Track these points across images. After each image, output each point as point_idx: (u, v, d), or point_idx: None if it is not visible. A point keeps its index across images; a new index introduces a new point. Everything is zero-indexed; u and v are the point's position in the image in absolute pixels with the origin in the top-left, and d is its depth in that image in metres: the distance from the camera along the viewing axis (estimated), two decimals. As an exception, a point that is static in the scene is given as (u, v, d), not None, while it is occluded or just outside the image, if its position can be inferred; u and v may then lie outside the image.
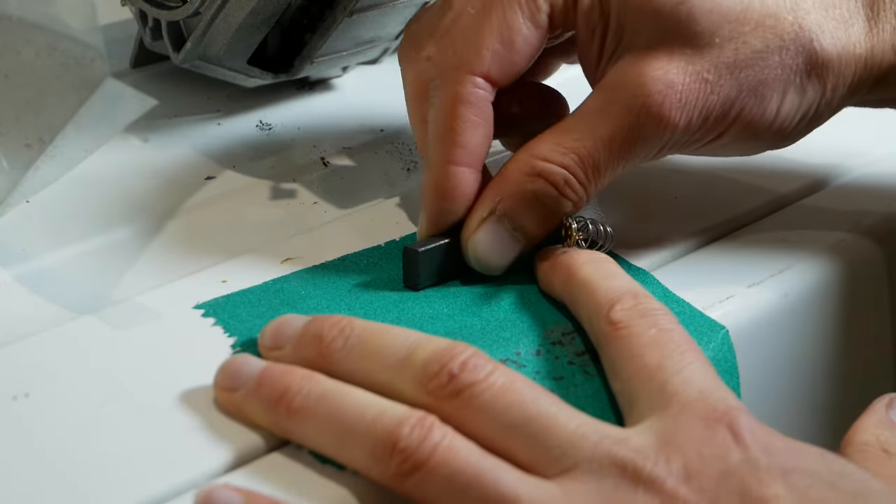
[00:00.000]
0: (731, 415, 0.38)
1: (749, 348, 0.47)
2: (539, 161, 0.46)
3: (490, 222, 0.46)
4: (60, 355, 0.44)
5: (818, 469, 0.37)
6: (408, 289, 0.47)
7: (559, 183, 0.46)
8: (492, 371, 0.39)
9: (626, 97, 0.45)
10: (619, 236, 0.51)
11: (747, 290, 0.48)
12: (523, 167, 0.46)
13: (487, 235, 0.46)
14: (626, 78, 0.45)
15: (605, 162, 0.46)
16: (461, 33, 0.46)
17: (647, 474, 0.37)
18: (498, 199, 0.46)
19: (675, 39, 0.45)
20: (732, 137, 0.46)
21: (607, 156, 0.45)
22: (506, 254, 0.47)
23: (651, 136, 0.45)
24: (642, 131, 0.45)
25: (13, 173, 0.54)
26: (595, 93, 0.46)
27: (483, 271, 0.47)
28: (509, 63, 0.46)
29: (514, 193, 0.46)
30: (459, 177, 0.46)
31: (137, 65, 0.63)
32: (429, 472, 0.37)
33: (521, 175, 0.46)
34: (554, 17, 0.46)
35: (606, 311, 0.42)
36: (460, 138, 0.46)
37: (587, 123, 0.46)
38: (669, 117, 0.45)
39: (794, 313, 0.49)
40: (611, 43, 0.46)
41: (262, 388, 0.40)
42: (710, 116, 0.45)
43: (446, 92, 0.46)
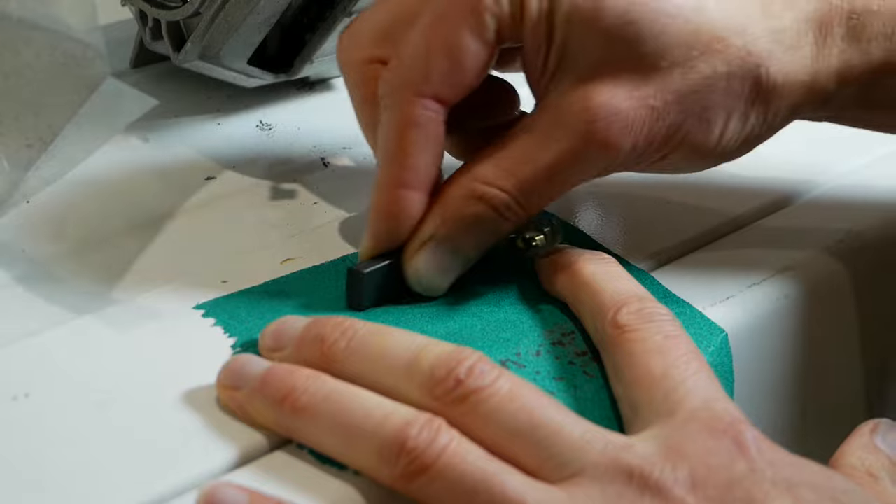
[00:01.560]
0: (737, 427, 0.38)
1: (748, 349, 0.47)
2: (480, 184, 0.45)
3: (430, 246, 0.45)
4: (60, 355, 0.44)
5: (823, 484, 0.37)
6: (351, 310, 0.46)
7: (500, 207, 0.45)
8: (498, 377, 0.39)
9: (569, 122, 0.44)
10: (618, 237, 0.51)
11: (747, 291, 0.48)
12: (464, 191, 0.45)
13: (428, 258, 0.46)
14: (571, 100, 0.44)
15: (546, 187, 0.45)
16: (409, 53, 0.45)
17: (654, 481, 0.37)
18: (438, 222, 0.45)
19: (621, 62, 0.44)
20: (675, 159, 0.46)
21: (548, 181, 0.45)
22: (446, 275, 0.46)
23: (594, 160, 0.44)
24: (586, 156, 0.44)
25: (13, 173, 0.54)
26: (539, 112, 0.45)
27: (424, 293, 0.46)
28: (459, 82, 0.44)
29: (454, 218, 0.45)
30: (407, 200, 0.45)
31: (137, 65, 0.63)
32: (436, 474, 0.37)
33: (462, 199, 0.45)
34: (501, 32, 0.44)
35: (612, 314, 0.42)
36: (409, 160, 0.45)
37: (529, 146, 0.45)
38: (614, 143, 0.44)
39: (793, 314, 0.49)
40: (554, 60, 0.44)
41: (267, 386, 0.40)
42: (655, 142, 0.45)
43: (395, 113, 0.45)
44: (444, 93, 0.44)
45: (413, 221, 0.46)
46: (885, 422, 0.43)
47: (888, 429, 0.43)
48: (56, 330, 0.45)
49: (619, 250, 0.49)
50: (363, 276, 0.46)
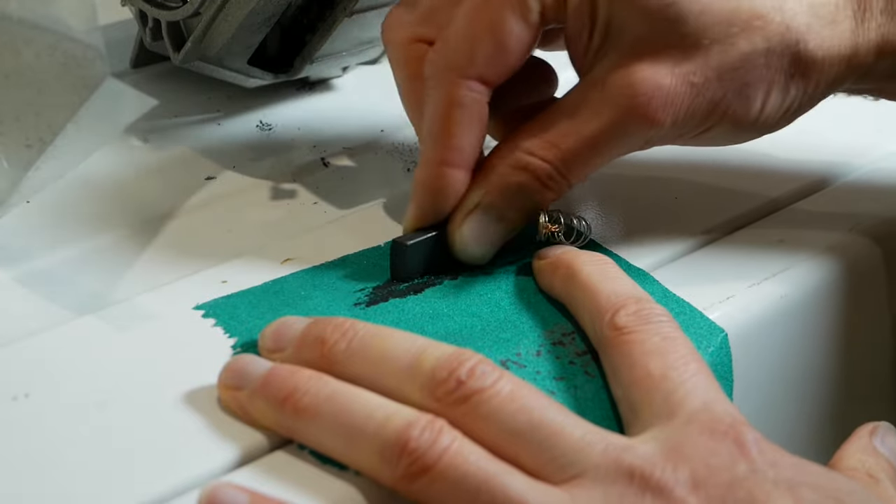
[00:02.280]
0: (737, 428, 0.38)
1: (748, 348, 0.47)
2: (524, 155, 0.46)
3: (476, 214, 0.47)
4: (60, 355, 0.44)
5: (824, 485, 0.37)
6: (395, 280, 0.47)
7: (543, 177, 0.46)
8: (499, 378, 0.39)
9: (612, 96, 0.45)
10: (619, 237, 0.51)
11: (747, 290, 0.48)
12: (509, 160, 0.47)
13: (474, 226, 0.47)
14: (614, 76, 0.45)
15: (588, 157, 0.46)
16: (454, 35, 0.46)
17: (656, 482, 0.37)
18: (483, 191, 0.47)
19: (662, 40, 0.45)
20: (717, 132, 0.47)
21: (590, 152, 0.46)
22: (491, 243, 0.48)
23: (636, 134, 0.46)
24: (627, 130, 0.45)
25: (13, 173, 0.54)
26: (582, 86, 0.47)
27: (468, 261, 0.48)
28: (503, 64, 0.46)
29: (499, 186, 0.47)
30: (451, 177, 0.47)
31: (137, 65, 0.63)
32: (437, 475, 0.37)
33: (507, 168, 0.47)
34: (545, 13, 0.46)
35: (610, 315, 0.42)
36: (454, 140, 0.46)
37: (572, 119, 0.46)
38: (656, 118, 0.45)
39: (793, 314, 0.49)
40: (598, 39, 0.46)
41: (269, 386, 0.40)
42: (696, 116, 0.46)
43: (441, 94, 0.46)
44: (488, 74, 0.46)
45: (456, 197, 0.47)
46: (884, 425, 0.43)
47: (887, 432, 0.43)
48: (56, 330, 0.45)
49: (619, 250, 0.49)
50: (407, 248, 0.47)
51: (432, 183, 0.47)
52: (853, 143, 0.58)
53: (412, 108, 0.49)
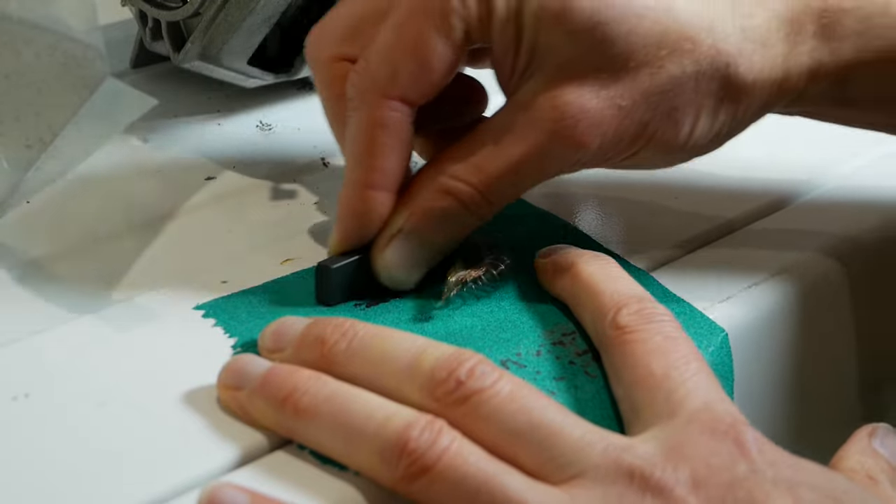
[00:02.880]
0: (738, 428, 0.38)
1: (748, 348, 0.47)
2: (448, 179, 0.45)
3: (399, 239, 0.46)
4: (60, 355, 0.44)
5: (823, 485, 0.37)
6: (320, 305, 0.46)
7: (467, 201, 0.45)
8: (498, 378, 0.39)
9: (538, 119, 0.44)
10: (619, 237, 0.51)
11: (747, 291, 0.48)
12: (432, 185, 0.46)
13: (397, 251, 0.46)
14: (540, 99, 0.44)
15: (514, 181, 0.45)
16: (376, 54, 0.45)
17: (656, 481, 0.37)
18: (406, 215, 0.46)
19: (589, 62, 0.44)
20: (646, 155, 0.46)
21: (516, 176, 0.45)
22: (415, 268, 0.47)
23: (562, 157, 0.45)
24: (553, 153, 0.44)
25: (13, 173, 0.54)
26: (508, 108, 0.45)
27: (393, 287, 0.47)
28: (426, 83, 0.45)
29: (423, 211, 0.46)
30: (374, 200, 0.46)
31: (137, 65, 0.63)
32: (437, 475, 0.37)
33: (430, 193, 0.46)
34: (470, 33, 0.44)
35: (612, 315, 0.42)
36: (377, 162, 0.45)
37: (497, 143, 0.45)
38: (582, 141, 0.44)
39: (792, 314, 0.49)
40: (523, 60, 0.45)
41: (268, 386, 0.40)
42: (624, 140, 0.45)
43: (363, 115, 0.45)
44: (411, 94, 0.45)
45: (380, 220, 0.46)
46: (883, 426, 0.43)
47: (886, 433, 0.43)
48: (56, 330, 0.45)
49: (619, 250, 0.49)
50: (331, 271, 0.46)
51: (355, 206, 0.46)
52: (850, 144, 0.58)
53: (337, 129, 0.48)
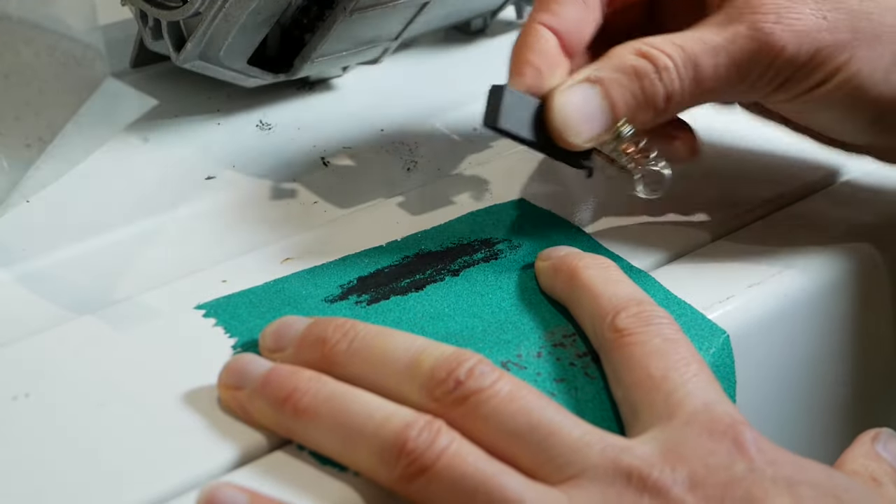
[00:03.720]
0: (736, 428, 0.38)
1: (749, 348, 0.47)
2: (646, 45, 0.46)
3: (583, 84, 0.46)
4: (60, 355, 0.44)
5: (824, 483, 0.37)
6: (486, 128, 0.46)
7: (659, 66, 0.46)
8: (497, 379, 0.39)
9: (742, 15, 0.45)
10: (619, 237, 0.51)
11: (747, 290, 0.48)
12: (630, 47, 0.47)
13: (577, 95, 0.46)
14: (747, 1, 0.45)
15: (708, 66, 0.46)
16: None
17: (653, 482, 0.37)
18: (598, 65, 0.47)
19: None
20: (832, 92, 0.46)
21: (711, 61, 0.46)
22: (588, 124, 0.46)
23: (756, 58, 0.45)
24: (749, 50, 0.45)
25: (13, 173, 0.54)
26: (716, 10, 0.47)
27: (559, 138, 0.46)
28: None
29: (614, 64, 0.46)
30: (541, 33, 0.47)
31: (137, 65, 0.63)
32: (435, 475, 0.37)
33: (627, 51, 0.46)
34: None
35: (611, 318, 0.42)
36: (554, 6, 0.47)
37: (701, 31, 0.46)
38: (779, 44, 0.45)
39: (793, 314, 0.49)
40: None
41: (269, 387, 0.40)
42: (819, 55, 0.45)
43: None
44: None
45: (546, 55, 0.47)
46: (886, 431, 0.43)
47: (889, 438, 0.43)
48: (56, 330, 0.45)
49: (619, 251, 0.49)
50: (503, 90, 0.46)
51: (525, 36, 0.47)
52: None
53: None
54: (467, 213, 0.52)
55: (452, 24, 0.68)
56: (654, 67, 0.46)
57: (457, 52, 0.69)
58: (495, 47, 0.69)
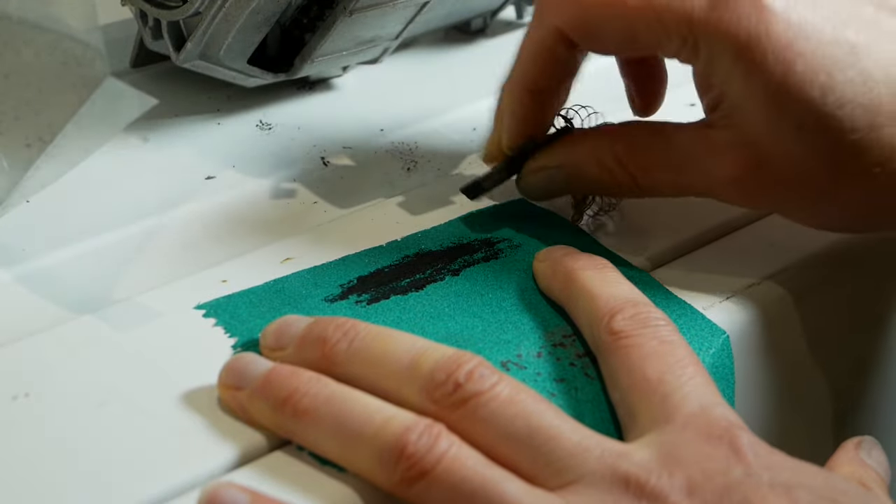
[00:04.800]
0: (733, 432, 0.38)
1: (749, 348, 0.47)
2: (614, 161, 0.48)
3: (548, 172, 0.50)
4: (60, 355, 0.44)
5: (821, 486, 0.37)
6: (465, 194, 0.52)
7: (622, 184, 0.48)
8: (497, 381, 0.39)
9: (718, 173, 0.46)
10: (619, 237, 0.51)
11: (747, 291, 0.48)
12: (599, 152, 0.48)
13: (542, 180, 0.50)
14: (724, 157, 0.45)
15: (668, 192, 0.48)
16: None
17: (651, 488, 0.37)
18: (563, 162, 0.49)
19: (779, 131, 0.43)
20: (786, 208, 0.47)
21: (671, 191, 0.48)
22: (552, 195, 0.51)
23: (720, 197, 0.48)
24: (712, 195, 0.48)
25: (13, 173, 0.54)
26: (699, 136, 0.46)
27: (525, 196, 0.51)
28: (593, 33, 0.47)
29: (578, 168, 0.49)
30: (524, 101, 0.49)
31: (137, 65, 0.63)
32: (434, 479, 0.37)
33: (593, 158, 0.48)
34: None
35: (607, 320, 0.42)
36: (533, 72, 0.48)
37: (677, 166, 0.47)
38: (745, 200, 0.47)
39: (793, 313, 0.49)
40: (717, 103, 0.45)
41: (269, 387, 0.40)
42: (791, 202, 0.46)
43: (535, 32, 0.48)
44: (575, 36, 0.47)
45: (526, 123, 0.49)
46: (868, 438, 0.43)
47: (872, 445, 0.43)
48: (56, 330, 0.45)
49: (619, 250, 0.49)
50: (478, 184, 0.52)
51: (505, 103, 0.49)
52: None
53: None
54: (467, 213, 0.52)
55: (452, 24, 0.68)
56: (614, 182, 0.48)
57: (457, 52, 0.69)
58: (495, 47, 0.69)
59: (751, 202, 0.47)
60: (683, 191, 0.48)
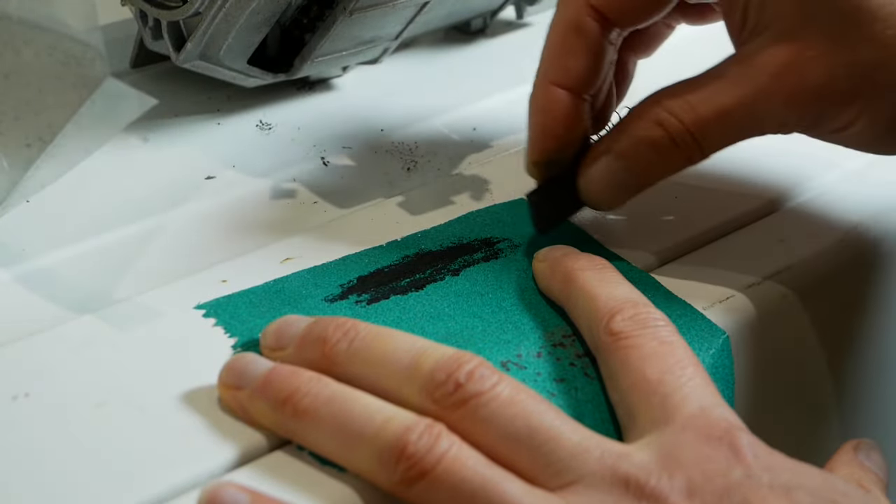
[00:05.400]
0: (733, 433, 0.38)
1: (749, 348, 0.47)
2: (661, 111, 0.46)
3: (605, 158, 0.47)
4: (60, 355, 0.44)
5: (821, 487, 0.37)
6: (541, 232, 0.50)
7: (676, 137, 0.46)
8: (497, 382, 0.39)
9: (755, 73, 0.45)
10: (619, 236, 0.51)
11: (747, 290, 0.48)
12: (646, 114, 0.47)
13: (601, 170, 0.48)
14: (760, 56, 0.45)
15: (723, 129, 0.46)
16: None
17: (651, 490, 0.37)
18: (617, 137, 0.47)
19: (812, 29, 0.44)
20: (854, 133, 0.46)
21: (725, 124, 0.46)
22: (617, 193, 0.48)
23: (771, 115, 0.46)
24: (763, 108, 0.45)
25: (13, 173, 0.54)
26: (732, 60, 0.47)
27: (595, 208, 0.49)
28: (630, 8, 0.47)
29: (632, 136, 0.47)
30: (555, 94, 0.47)
31: (137, 65, 0.63)
32: (434, 479, 0.37)
33: (642, 121, 0.47)
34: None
35: (606, 320, 0.42)
36: (563, 61, 0.47)
37: (715, 88, 0.46)
38: (792, 100, 0.45)
39: (793, 313, 0.49)
40: (752, 18, 0.46)
41: (269, 387, 0.40)
42: (831, 109, 0.45)
43: (561, 15, 0.47)
44: (612, 11, 0.47)
45: (563, 118, 0.48)
46: (866, 441, 0.43)
47: (870, 448, 0.43)
48: (56, 330, 0.45)
49: (619, 250, 0.49)
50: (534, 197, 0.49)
51: (538, 99, 0.48)
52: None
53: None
54: (467, 213, 0.52)
55: (452, 24, 0.68)
56: (670, 138, 0.46)
57: (457, 52, 0.69)
58: (495, 47, 0.69)
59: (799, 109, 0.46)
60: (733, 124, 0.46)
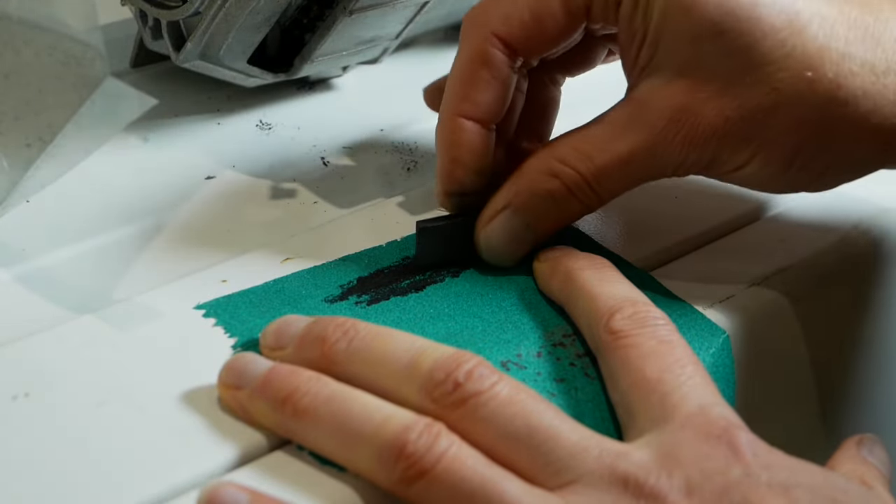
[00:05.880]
0: (732, 432, 0.38)
1: (749, 348, 0.47)
2: (556, 162, 0.46)
3: (504, 215, 0.47)
4: (60, 355, 0.44)
5: (820, 485, 0.37)
6: (418, 266, 0.48)
7: (572, 187, 0.46)
8: (497, 381, 0.39)
9: (649, 117, 0.45)
10: (619, 237, 0.51)
11: (747, 290, 0.48)
12: (541, 166, 0.47)
13: (500, 227, 0.47)
14: (653, 98, 0.45)
15: (620, 176, 0.46)
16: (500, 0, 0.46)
17: (650, 489, 0.37)
18: (513, 191, 0.47)
19: (707, 70, 0.44)
20: (748, 175, 0.46)
21: (622, 172, 0.46)
22: (516, 247, 0.48)
23: (667, 159, 0.45)
24: (661, 153, 0.45)
25: (13, 173, 0.54)
26: (626, 102, 0.46)
27: (493, 262, 0.48)
28: (535, 38, 0.46)
29: (528, 190, 0.47)
30: (462, 128, 0.47)
31: (137, 65, 0.63)
32: (434, 478, 0.37)
33: (538, 173, 0.47)
34: (592, 11, 0.45)
35: (606, 319, 0.42)
36: (470, 93, 0.47)
37: (609, 134, 0.46)
38: (687, 145, 0.45)
39: (793, 313, 0.49)
40: (646, 55, 0.45)
41: (269, 387, 0.40)
42: (726, 152, 0.45)
43: (466, 46, 0.47)
44: (517, 41, 0.46)
45: (472, 151, 0.47)
46: (870, 437, 0.43)
47: (873, 443, 0.43)
48: (56, 330, 0.45)
49: (619, 250, 0.49)
50: (427, 231, 0.48)
51: (445, 133, 0.47)
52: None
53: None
54: (467, 213, 0.52)
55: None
56: (566, 189, 0.46)
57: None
58: (495, 47, 0.69)
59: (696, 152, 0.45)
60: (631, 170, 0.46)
